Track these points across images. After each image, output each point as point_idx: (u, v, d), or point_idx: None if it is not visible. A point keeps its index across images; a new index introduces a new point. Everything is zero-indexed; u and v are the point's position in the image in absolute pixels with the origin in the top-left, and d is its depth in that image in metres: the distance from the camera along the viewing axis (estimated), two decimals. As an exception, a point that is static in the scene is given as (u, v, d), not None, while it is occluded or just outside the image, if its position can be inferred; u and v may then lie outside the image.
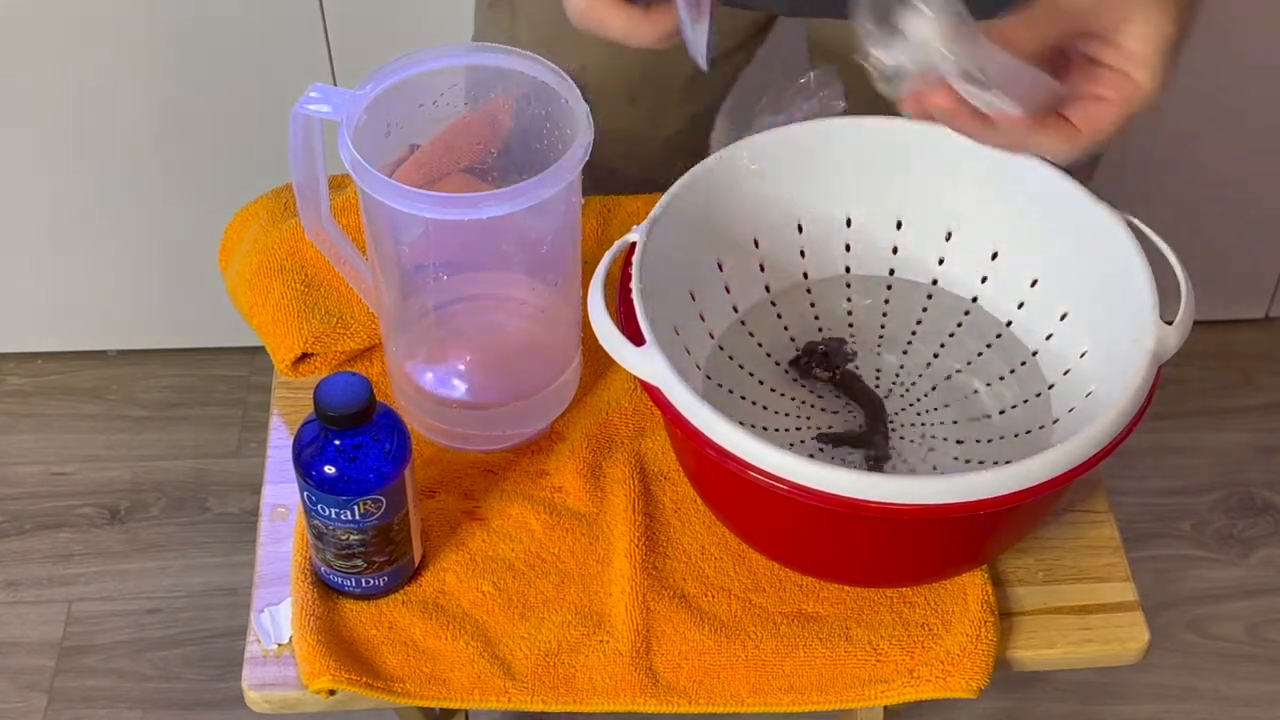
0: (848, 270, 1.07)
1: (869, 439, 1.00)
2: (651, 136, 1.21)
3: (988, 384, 1.03)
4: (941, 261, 1.06)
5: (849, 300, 1.07)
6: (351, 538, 0.92)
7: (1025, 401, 1.01)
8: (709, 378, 1.02)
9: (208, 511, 1.87)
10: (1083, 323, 1.00)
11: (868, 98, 0.96)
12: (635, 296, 0.91)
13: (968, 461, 0.99)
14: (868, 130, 1.01)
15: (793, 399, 1.03)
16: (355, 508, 0.90)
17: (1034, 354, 1.03)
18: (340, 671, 0.92)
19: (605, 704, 0.94)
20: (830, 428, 1.01)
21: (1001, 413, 1.01)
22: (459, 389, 1.04)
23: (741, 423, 0.86)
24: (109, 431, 1.95)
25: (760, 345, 1.05)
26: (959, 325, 1.06)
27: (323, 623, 0.94)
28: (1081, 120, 0.86)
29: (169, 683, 1.71)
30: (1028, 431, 0.99)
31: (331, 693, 0.92)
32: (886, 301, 1.07)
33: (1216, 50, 1.66)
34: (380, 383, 1.06)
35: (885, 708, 1.00)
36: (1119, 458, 0.88)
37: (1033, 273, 1.02)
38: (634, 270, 0.93)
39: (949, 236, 1.05)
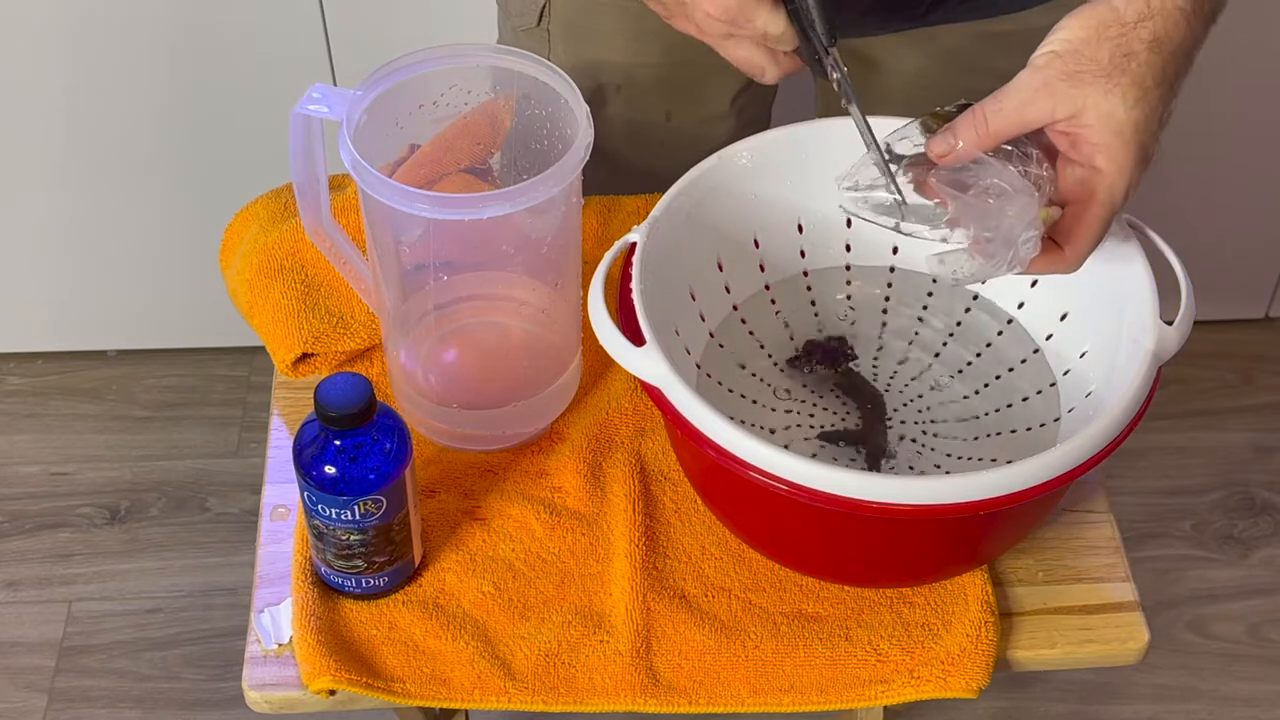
0: (848, 269, 1.07)
1: (869, 437, 1.00)
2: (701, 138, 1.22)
3: (987, 384, 1.03)
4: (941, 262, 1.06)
5: (849, 299, 1.07)
6: (352, 538, 0.92)
7: (1025, 401, 1.01)
8: (709, 377, 1.02)
9: (208, 511, 1.87)
10: (1083, 323, 1.00)
11: (868, 99, 0.96)
12: (635, 296, 0.91)
13: (969, 459, 0.99)
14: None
15: (793, 397, 1.03)
16: (355, 508, 0.90)
17: (1034, 353, 1.03)
18: (340, 671, 0.92)
19: (605, 704, 0.94)
20: (830, 426, 1.01)
21: (1000, 411, 1.01)
22: (459, 389, 1.04)
23: (742, 422, 0.86)
24: (109, 431, 1.95)
25: (760, 345, 1.05)
26: (959, 325, 1.06)
27: (323, 623, 0.94)
28: (1064, 239, 0.88)
29: (169, 683, 1.71)
30: (1028, 430, 0.99)
31: (332, 693, 0.92)
32: (886, 299, 1.07)
33: (1216, 50, 1.65)
34: (380, 383, 1.06)
35: (885, 708, 1.00)
36: (1119, 458, 0.88)
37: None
38: (634, 270, 0.93)
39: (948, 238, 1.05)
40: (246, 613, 0.98)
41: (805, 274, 1.07)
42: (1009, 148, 0.87)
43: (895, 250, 1.06)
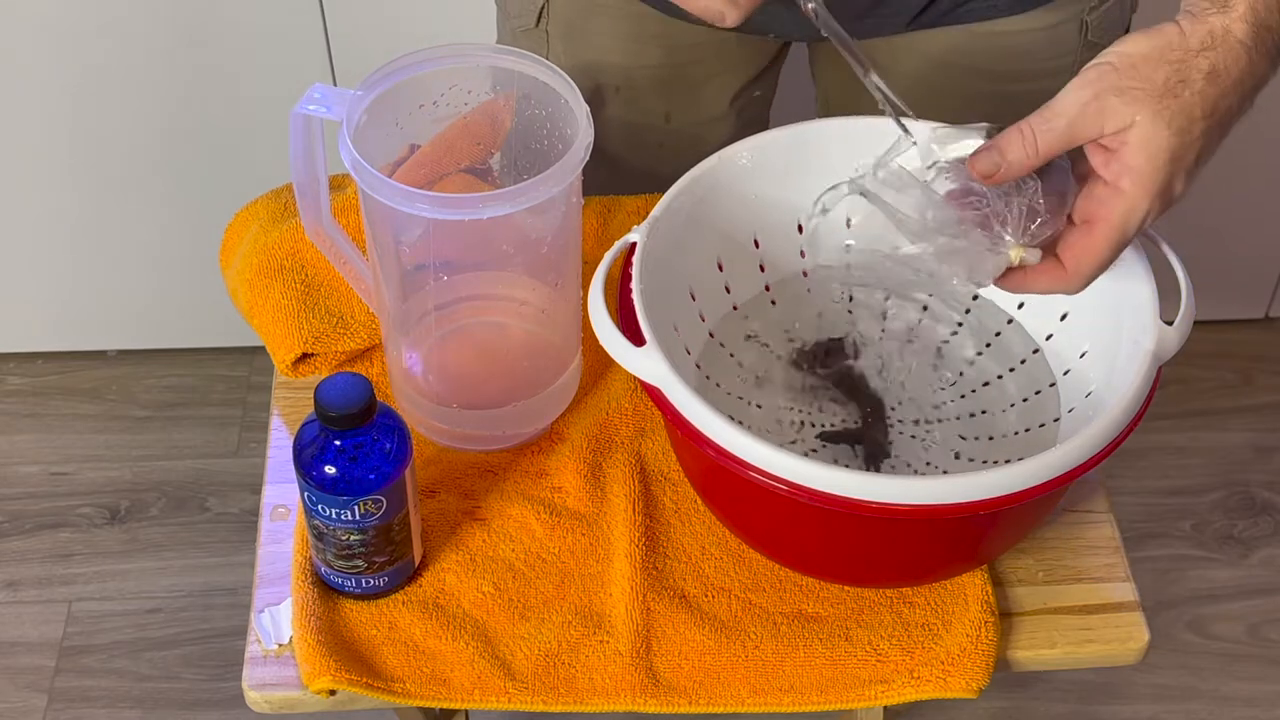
0: (848, 269, 1.07)
1: (869, 437, 1.00)
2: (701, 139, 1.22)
3: (987, 383, 1.03)
4: (941, 261, 1.06)
5: (849, 299, 1.07)
6: (352, 538, 0.92)
7: (1025, 401, 1.01)
8: (709, 377, 1.02)
9: (208, 511, 1.87)
10: (1083, 323, 1.00)
11: (866, 100, 0.96)
12: (635, 296, 0.91)
13: (969, 459, 0.99)
14: (867, 130, 1.00)
15: (793, 397, 1.03)
16: (355, 508, 0.90)
17: (1034, 353, 1.03)
18: (340, 671, 0.92)
19: (605, 704, 0.94)
20: (830, 426, 1.01)
21: (1002, 411, 1.01)
22: (459, 389, 1.04)
23: (741, 422, 0.86)
24: (109, 431, 1.95)
25: (760, 344, 1.05)
26: (959, 324, 1.06)
27: (323, 623, 0.94)
28: (1070, 259, 0.86)
29: (169, 683, 1.71)
30: (1027, 431, 0.99)
31: (332, 693, 0.92)
32: (886, 299, 1.07)
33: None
34: (380, 383, 1.06)
35: (885, 708, 1.00)
36: (1119, 458, 0.88)
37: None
38: (634, 270, 0.93)
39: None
40: (246, 613, 0.98)
41: (805, 274, 1.07)
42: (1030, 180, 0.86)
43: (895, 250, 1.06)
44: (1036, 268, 0.87)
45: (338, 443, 0.89)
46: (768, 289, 1.07)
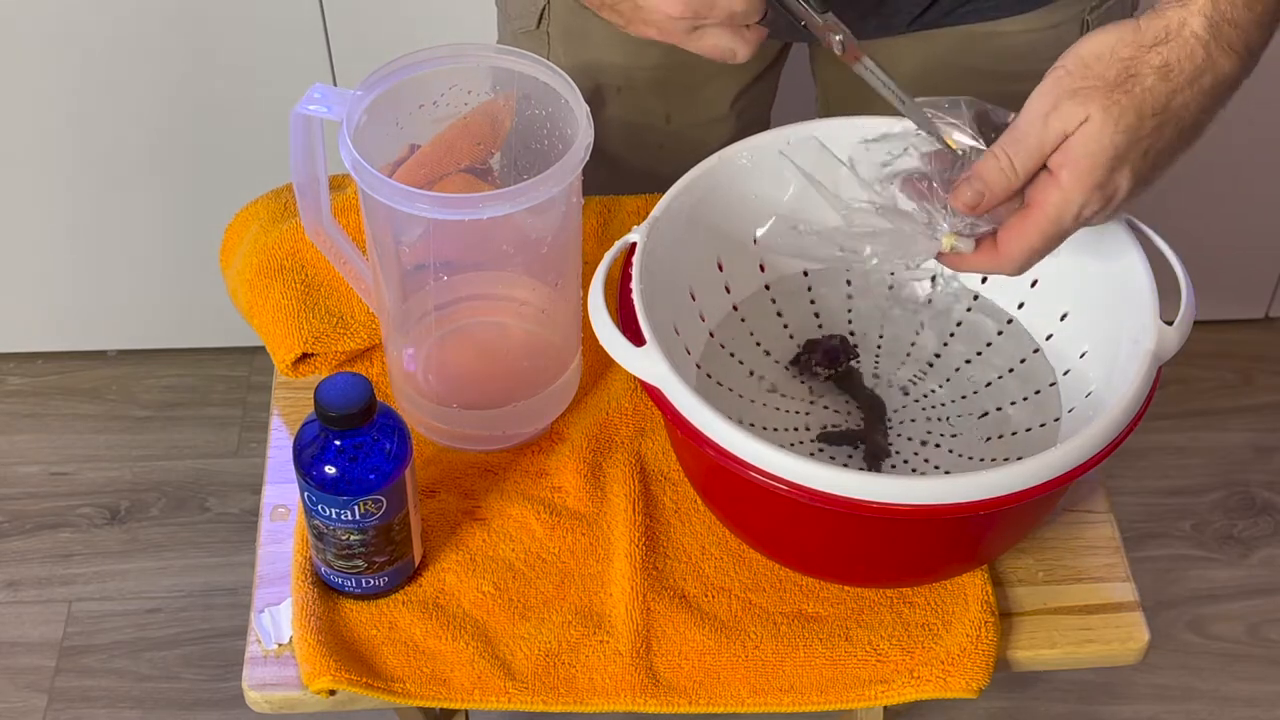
0: (848, 269, 1.07)
1: (869, 437, 1.00)
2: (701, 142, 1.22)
3: (987, 383, 1.03)
4: (941, 261, 1.06)
5: (849, 299, 1.07)
6: (352, 538, 0.92)
7: (1025, 400, 1.01)
8: (709, 377, 1.02)
9: (208, 511, 1.87)
10: (1083, 323, 1.00)
11: (866, 101, 0.96)
12: (635, 296, 0.91)
13: (969, 459, 0.99)
14: (866, 130, 1.00)
15: (793, 397, 1.03)
16: (355, 508, 0.90)
17: (1034, 353, 1.03)
18: (340, 671, 0.92)
19: (605, 704, 0.94)
20: (830, 426, 1.01)
21: (1000, 410, 1.01)
22: (459, 389, 1.04)
23: (741, 422, 0.86)
24: (109, 431, 1.95)
25: (760, 344, 1.05)
26: (959, 324, 1.06)
27: (323, 623, 0.94)
28: (1004, 240, 0.87)
29: (169, 683, 1.71)
30: (1028, 430, 0.99)
31: (332, 693, 0.92)
32: (887, 299, 1.07)
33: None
34: (380, 383, 1.06)
35: (885, 708, 1.00)
36: (1119, 458, 0.88)
37: (1033, 273, 1.02)
38: (634, 270, 0.93)
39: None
40: (246, 613, 0.98)
41: (805, 274, 1.07)
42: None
43: (895, 250, 1.06)
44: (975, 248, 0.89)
45: (338, 443, 0.89)
46: (768, 289, 1.07)
